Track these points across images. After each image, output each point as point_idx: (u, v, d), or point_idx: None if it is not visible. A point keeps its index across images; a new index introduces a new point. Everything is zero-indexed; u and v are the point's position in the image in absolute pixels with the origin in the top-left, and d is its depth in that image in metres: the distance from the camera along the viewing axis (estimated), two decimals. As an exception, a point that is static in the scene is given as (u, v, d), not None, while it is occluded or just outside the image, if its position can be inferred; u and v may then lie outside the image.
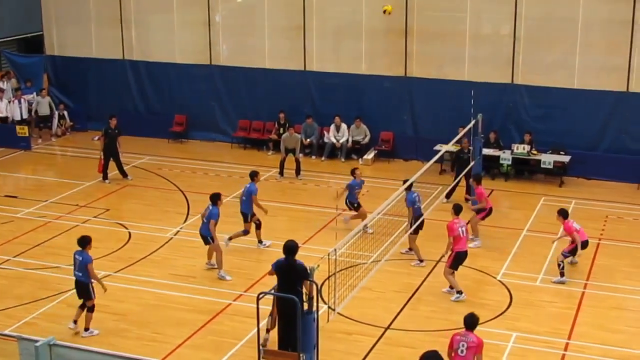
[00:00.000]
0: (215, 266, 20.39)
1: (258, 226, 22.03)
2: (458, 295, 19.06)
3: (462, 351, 13.80)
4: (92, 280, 17.40)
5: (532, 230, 23.57)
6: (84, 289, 17.39)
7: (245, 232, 21.89)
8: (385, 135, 30.64)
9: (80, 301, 17.55)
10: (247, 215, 21.75)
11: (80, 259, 17.29)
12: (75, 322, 17.66)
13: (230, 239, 21.74)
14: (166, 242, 22.40)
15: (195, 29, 32.58)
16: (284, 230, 22.60)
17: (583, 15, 27.94)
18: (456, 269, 19.25)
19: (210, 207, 20.22)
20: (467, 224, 20.18)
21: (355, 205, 23.12)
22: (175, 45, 33.01)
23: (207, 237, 20.19)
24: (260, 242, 22.12)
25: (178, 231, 23.21)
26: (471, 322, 14.01)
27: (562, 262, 20.18)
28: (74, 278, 17.55)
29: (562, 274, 20.12)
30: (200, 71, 32.55)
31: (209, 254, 20.70)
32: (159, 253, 21.69)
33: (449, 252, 19.22)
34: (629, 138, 28.08)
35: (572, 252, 20.44)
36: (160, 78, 33.16)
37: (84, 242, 17.43)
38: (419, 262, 21.07)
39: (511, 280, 19.91)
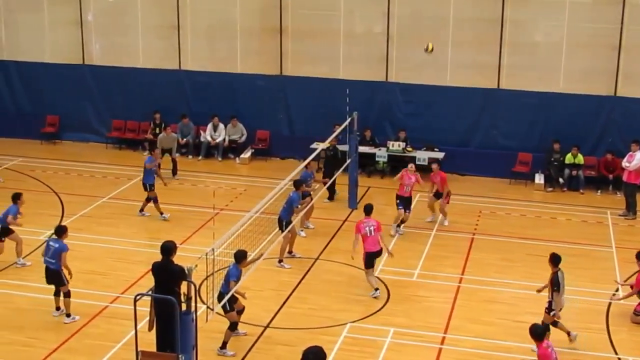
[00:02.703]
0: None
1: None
2: (374, 291, 19.13)
3: (551, 352, 14.42)
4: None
5: (408, 226, 23.83)
6: (55, 275, 17.93)
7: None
8: (262, 134, 30.66)
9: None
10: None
11: (57, 246, 17.89)
12: (58, 308, 18.20)
13: (280, 261, 21.15)
14: (40, 245, 21.86)
15: (66, 28, 31.97)
16: (161, 231, 22.40)
17: (454, 14, 28.53)
18: (371, 267, 19.26)
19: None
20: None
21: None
22: (46, 45, 32.32)
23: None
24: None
25: (52, 234, 22.73)
26: (539, 332, 14.49)
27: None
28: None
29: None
30: (72, 71, 31.96)
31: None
32: (32, 256, 21.12)
33: (361, 252, 19.27)
34: (499, 134, 28.79)
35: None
36: (30, 78, 32.38)
37: (61, 231, 18.18)
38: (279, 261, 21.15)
39: (388, 276, 20.13)
